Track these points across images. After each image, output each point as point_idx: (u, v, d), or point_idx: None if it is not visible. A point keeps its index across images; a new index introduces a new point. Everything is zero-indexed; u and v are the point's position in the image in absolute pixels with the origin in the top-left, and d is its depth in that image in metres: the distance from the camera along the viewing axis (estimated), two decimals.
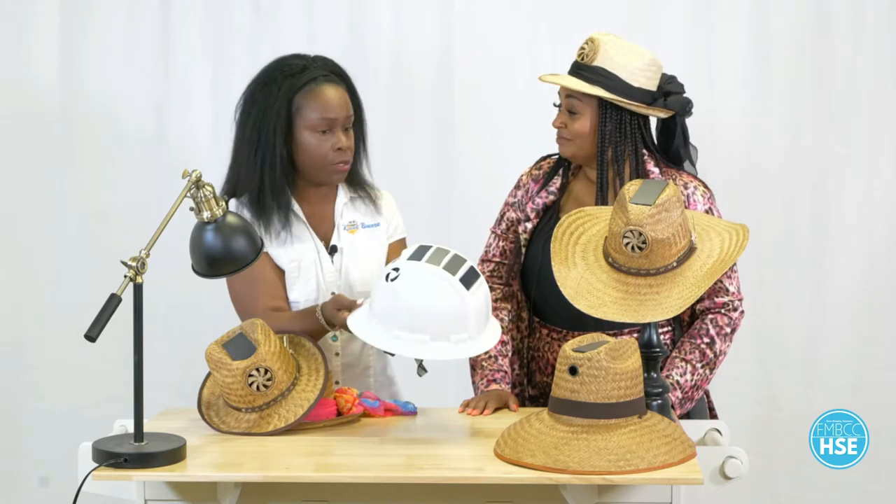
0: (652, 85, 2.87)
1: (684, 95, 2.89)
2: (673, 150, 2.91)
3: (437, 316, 2.54)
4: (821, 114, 4.04)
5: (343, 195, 2.98)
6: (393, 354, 2.71)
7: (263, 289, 2.88)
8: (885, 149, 4.05)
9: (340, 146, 2.87)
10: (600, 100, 2.85)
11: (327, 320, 2.75)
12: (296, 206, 2.93)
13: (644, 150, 2.90)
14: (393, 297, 2.55)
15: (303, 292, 2.90)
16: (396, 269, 2.57)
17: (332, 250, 2.94)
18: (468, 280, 2.56)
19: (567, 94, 2.88)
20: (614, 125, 2.86)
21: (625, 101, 2.84)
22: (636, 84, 2.84)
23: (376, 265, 2.94)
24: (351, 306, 2.70)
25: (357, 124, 2.94)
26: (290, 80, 2.88)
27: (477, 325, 2.59)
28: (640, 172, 2.87)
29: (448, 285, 2.55)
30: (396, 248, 2.99)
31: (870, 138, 4.04)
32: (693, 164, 2.97)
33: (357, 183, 2.98)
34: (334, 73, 2.91)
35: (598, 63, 2.84)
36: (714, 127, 4.02)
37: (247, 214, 2.87)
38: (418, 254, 2.59)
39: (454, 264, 2.57)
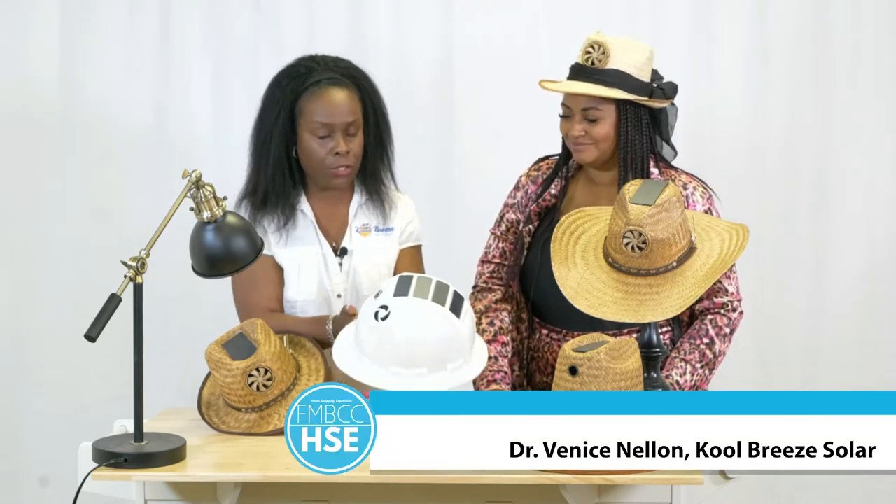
0: (649, 77, 2.87)
1: (668, 80, 2.89)
2: (664, 139, 2.91)
3: (433, 349, 2.56)
4: (821, 113, 4.03)
5: (358, 197, 2.97)
6: None
7: (263, 290, 2.88)
8: (885, 149, 4.04)
9: (338, 150, 2.86)
10: (619, 101, 2.84)
11: (336, 332, 2.75)
12: (305, 207, 2.93)
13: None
14: (387, 336, 2.55)
15: (300, 292, 2.90)
16: (385, 307, 2.56)
17: (342, 252, 2.93)
18: (456, 307, 2.58)
19: (585, 100, 2.84)
20: (633, 124, 2.85)
21: (644, 98, 2.83)
22: (644, 79, 2.84)
23: (386, 270, 2.94)
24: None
25: (374, 127, 2.92)
26: (294, 82, 2.88)
27: (469, 348, 2.62)
28: (645, 171, 2.87)
29: (442, 318, 2.56)
30: (408, 255, 2.98)
31: (870, 138, 4.04)
32: (674, 150, 2.95)
33: (374, 186, 2.96)
34: (345, 76, 2.90)
35: (611, 66, 2.81)
36: (714, 125, 4.02)
37: (246, 213, 2.88)
38: (403, 287, 2.58)
39: (441, 294, 2.57)
